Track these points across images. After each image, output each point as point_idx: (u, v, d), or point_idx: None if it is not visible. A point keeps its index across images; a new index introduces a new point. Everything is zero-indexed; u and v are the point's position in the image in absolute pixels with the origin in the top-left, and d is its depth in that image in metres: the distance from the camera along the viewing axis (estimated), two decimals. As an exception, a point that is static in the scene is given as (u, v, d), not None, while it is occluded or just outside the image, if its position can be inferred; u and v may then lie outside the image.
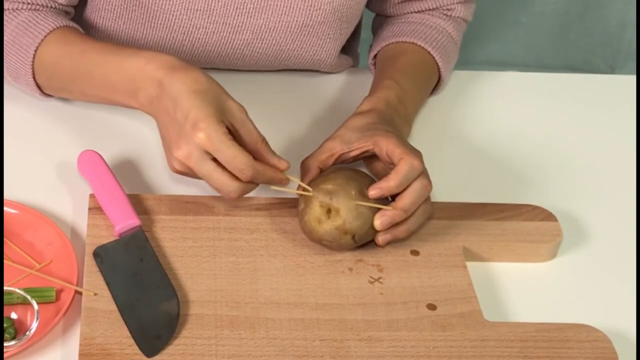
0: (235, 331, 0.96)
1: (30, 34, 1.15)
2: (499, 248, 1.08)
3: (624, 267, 1.11)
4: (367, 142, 1.08)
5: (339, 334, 0.96)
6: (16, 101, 1.23)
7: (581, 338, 0.98)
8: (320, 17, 1.25)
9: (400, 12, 1.34)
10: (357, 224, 1.02)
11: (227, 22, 1.24)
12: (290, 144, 1.22)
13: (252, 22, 1.24)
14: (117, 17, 1.24)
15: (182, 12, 1.22)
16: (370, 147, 1.08)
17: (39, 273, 1.00)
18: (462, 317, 0.99)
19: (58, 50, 1.15)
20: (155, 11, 1.22)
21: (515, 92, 1.37)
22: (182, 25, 1.23)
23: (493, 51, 2.35)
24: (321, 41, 1.29)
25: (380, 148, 1.07)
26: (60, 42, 1.15)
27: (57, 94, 1.20)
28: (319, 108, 1.30)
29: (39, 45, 1.15)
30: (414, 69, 1.25)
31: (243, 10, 1.23)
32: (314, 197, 1.03)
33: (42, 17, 1.16)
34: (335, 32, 1.29)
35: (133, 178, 1.14)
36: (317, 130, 1.22)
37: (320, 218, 1.03)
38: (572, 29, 2.34)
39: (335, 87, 1.35)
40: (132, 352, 0.93)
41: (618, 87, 1.41)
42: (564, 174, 1.23)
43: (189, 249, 1.04)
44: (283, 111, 1.27)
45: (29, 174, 1.14)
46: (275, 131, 1.10)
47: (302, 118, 1.27)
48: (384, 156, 1.07)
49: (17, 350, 0.92)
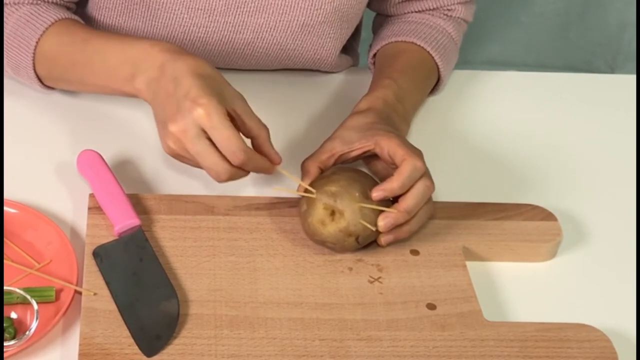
0: (234, 331, 0.96)
1: (32, 26, 1.15)
2: (499, 248, 1.08)
3: (623, 266, 1.11)
4: (367, 142, 1.08)
5: (339, 334, 0.96)
6: (16, 101, 1.23)
7: (581, 338, 0.98)
8: (321, 16, 1.25)
9: (401, 11, 1.34)
10: (361, 226, 1.02)
11: (228, 21, 1.24)
12: (290, 143, 1.22)
13: (252, 21, 1.24)
14: (118, 15, 1.25)
15: (182, 10, 1.22)
16: (371, 147, 1.08)
17: (38, 273, 1.00)
18: (461, 317, 0.99)
19: (60, 40, 1.15)
20: (156, 9, 1.22)
21: (515, 92, 1.37)
22: (183, 24, 1.23)
23: (493, 51, 2.35)
24: (322, 40, 1.29)
25: (382, 148, 1.07)
26: (63, 33, 1.16)
27: (56, 84, 1.20)
28: (318, 107, 1.30)
29: (41, 37, 1.15)
30: (412, 68, 1.25)
31: (244, 9, 1.23)
32: (318, 199, 1.03)
33: (44, 10, 1.17)
34: (336, 32, 1.29)
35: (133, 178, 1.14)
36: (317, 130, 1.22)
37: (324, 220, 1.03)
38: (572, 29, 2.34)
39: (336, 86, 1.35)
40: (132, 352, 0.93)
41: (618, 87, 1.41)
42: (564, 174, 1.23)
43: (188, 249, 1.04)
44: (283, 110, 1.27)
45: (28, 174, 1.14)
46: (275, 130, 1.09)
47: (302, 117, 1.27)
48: (385, 156, 1.07)
49: (16, 350, 0.92)
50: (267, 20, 1.24)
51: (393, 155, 1.05)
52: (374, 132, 1.09)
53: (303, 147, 1.16)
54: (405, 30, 1.30)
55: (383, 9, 1.36)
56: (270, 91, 1.31)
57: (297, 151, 1.15)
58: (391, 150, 1.05)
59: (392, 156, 1.05)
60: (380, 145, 1.07)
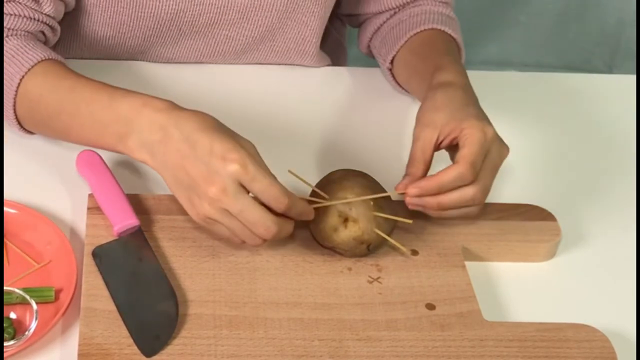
0: (234, 331, 0.96)
1: (17, 62, 1.09)
2: (498, 248, 1.08)
3: (623, 266, 1.11)
4: (455, 129, 1.04)
5: (338, 334, 0.96)
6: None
7: (580, 338, 0.98)
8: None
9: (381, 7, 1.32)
10: (374, 235, 1.02)
11: (213, 3, 1.24)
12: (288, 142, 1.22)
13: (238, 2, 1.24)
14: (103, 10, 1.24)
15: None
16: (457, 134, 1.04)
17: (38, 273, 1.00)
18: (461, 317, 0.99)
19: (45, 82, 1.08)
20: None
21: (514, 92, 1.37)
22: (169, 12, 1.24)
23: (492, 51, 2.35)
24: (306, 18, 1.29)
25: (463, 142, 1.03)
26: (49, 75, 1.09)
27: (36, 129, 1.13)
28: (314, 104, 1.30)
29: (25, 75, 1.08)
30: (447, 51, 1.22)
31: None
32: (332, 205, 1.03)
33: (31, 46, 1.11)
34: (320, 9, 1.29)
35: (132, 178, 1.14)
36: (314, 125, 1.22)
37: (337, 227, 1.02)
38: (571, 29, 2.35)
39: (323, 81, 1.35)
40: (131, 352, 0.93)
41: (617, 86, 1.41)
42: (563, 174, 1.23)
43: (187, 249, 1.04)
44: (279, 109, 1.27)
45: (28, 174, 1.14)
46: (273, 128, 1.09)
47: (297, 113, 1.27)
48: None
49: (16, 350, 0.92)
50: (252, 0, 1.24)
51: (460, 147, 1.02)
52: (463, 117, 1.04)
53: (302, 146, 1.15)
54: (406, 25, 1.28)
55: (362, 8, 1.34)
56: (263, 87, 1.31)
57: (296, 151, 1.15)
58: (463, 143, 1.02)
59: (459, 148, 1.02)
60: (464, 135, 1.03)
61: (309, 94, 1.32)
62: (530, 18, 2.33)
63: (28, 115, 1.11)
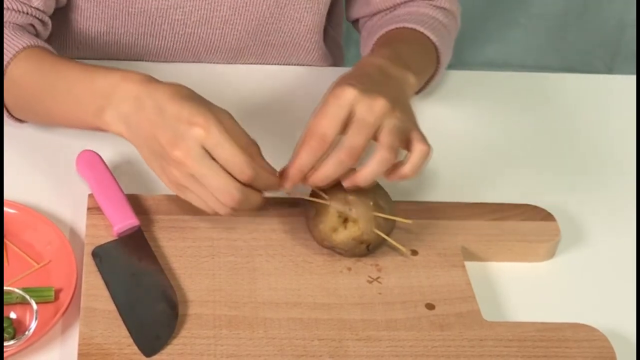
0: (234, 331, 0.96)
1: (3, 51, 1.10)
2: (498, 248, 1.08)
3: (622, 266, 1.11)
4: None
5: (338, 334, 0.96)
6: (15, 101, 1.23)
7: (579, 338, 0.98)
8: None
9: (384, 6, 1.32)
10: (374, 235, 1.02)
11: None
12: (288, 142, 1.22)
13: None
14: (96, 3, 1.25)
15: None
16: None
17: (37, 273, 1.00)
18: (460, 317, 0.99)
19: (28, 66, 1.09)
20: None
21: (514, 93, 1.37)
22: (160, 8, 1.24)
23: (492, 52, 2.36)
24: (299, 14, 1.29)
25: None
26: (32, 60, 1.09)
27: (23, 115, 1.14)
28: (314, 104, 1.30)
29: (10, 62, 1.09)
30: (405, 42, 1.20)
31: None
32: (331, 205, 1.03)
33: (18, 35, 1.11)
34: (312, 5, 1.29)
35: (132, 178, 1.14)
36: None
37: (336, 227, 1.03)
38: (571, 30, 2.35)
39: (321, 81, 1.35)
40: (131, 352, 0.93)
41: (617, 87, 1.41)
42: (563, 174, 1.23)
43: (187, 249, 1.04)
44: (279, 109, 1.28)
45: (27, 174, 1.14)
46: (269, 127, 1.09)
47: (301, 116, 1.27)
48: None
49: (16, 349, 0.92)
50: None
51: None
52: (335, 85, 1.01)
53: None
54: (389, 21, 1.27)
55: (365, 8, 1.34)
56: (259, 88, 1.32)
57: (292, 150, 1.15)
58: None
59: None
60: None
61: (309, 94, 1.32)
62: (530, 20, 2.33)
63: (14, 101, 1.12)
